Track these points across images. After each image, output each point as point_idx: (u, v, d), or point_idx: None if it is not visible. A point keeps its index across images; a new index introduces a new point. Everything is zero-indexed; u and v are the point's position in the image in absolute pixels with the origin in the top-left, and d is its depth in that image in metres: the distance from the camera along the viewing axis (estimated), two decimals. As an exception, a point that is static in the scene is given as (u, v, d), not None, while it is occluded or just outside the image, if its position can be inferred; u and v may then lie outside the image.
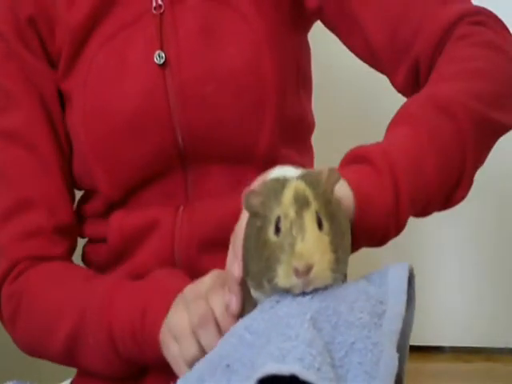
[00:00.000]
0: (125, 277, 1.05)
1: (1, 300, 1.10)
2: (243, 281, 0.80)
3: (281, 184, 0.74)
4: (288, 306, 0.70)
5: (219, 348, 0.74)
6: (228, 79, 1.03)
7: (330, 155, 1.01)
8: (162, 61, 1.04)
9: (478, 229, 2.24)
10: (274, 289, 0.72)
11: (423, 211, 0.89)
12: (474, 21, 0.99)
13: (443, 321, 2.26)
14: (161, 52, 1.04)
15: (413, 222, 0.89)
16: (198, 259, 1.05)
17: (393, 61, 1.03)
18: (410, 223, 0.87)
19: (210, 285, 0.89)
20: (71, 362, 1.06)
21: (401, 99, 1.05)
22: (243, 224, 0.79)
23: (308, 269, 0.70)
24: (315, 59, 1.18)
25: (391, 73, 1.05)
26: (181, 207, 1.06)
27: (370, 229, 0.82)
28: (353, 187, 0.80)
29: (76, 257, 1.16)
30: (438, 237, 2.23)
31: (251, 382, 0.63)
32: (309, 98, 1.17)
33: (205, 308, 0.87)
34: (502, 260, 2.25)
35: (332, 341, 0.68)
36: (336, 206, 0.75)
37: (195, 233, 1.05)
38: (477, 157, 0.91)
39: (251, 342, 0.70)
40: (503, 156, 1.75)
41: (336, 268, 0.72)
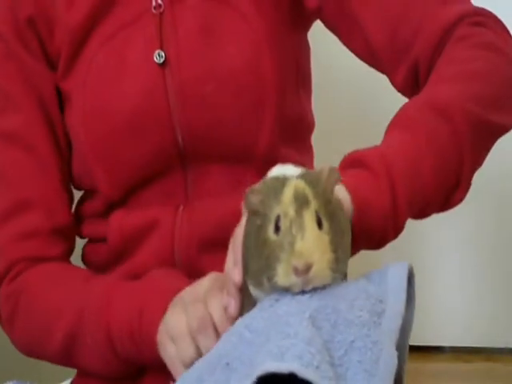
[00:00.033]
0: (123, 277, 1.05)
1: None
2: (243, 280, 0.79)
3: (281, 183, 0.74)
4: (287, 305, 0.70)
5: (219, 347, 0.74)
6: (228, 79, 1.03)
7: (330, 155, 1.01)
8: (162, 60, 1.04)
9: (478, 229, 2.24)
10: (274, 287, 0.72)
11: (421, 213, 0.89)
12: (474, 21, 0.99)
13: (443, 321, 2.26)
14: (160, 51, 1.04)
15: (413, 222, 0.89)
16: (198, 259, 1.05)
17: (393, 61, 1.03)
18: (410, 223, 0.87)
19: (209, 288, 0.89)
20: (69, 362, 1.06)
21: (400, 99, 1.05)
22: (243, 227, 0.79)
23: (307, 268, 0.70)
24: (315, 59, 1.18)
25: (391, 73, 1.05)
26: (181, 207, 1.06)
27: (369, 231, 0.82)
28: (350, 191, 0.81)
29: (76, 257, 1.16)
30: (438, 237, 2.23)
31: (250, 380, 0.63)
32: (308, 98, 1.16)
33: (203, 312, 0.87)
34: (502, 260, 2.24)
35: (331, 339, 0.68)
36: (336, 206, 0.76)
37: (195, 232, 1.05)
38: (475, 159, 0.91)
39: (251, 341, 0.70)
40: (502, 156, 1.74)
41: (335, 267, 0.72)
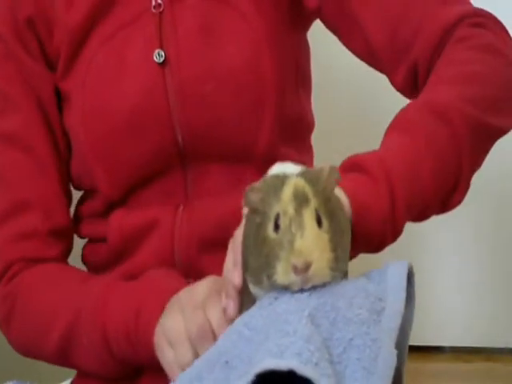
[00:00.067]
0: (120, 277, 1.05)
1: None
2: (242, 278, 0.79)
3: (280, 181, 0.74)
4: (286, 303, 0.70)
5: (218, 345, 0.74)
6: (227, 78, 1.03)
7: (330, 155, 1.01)
8: (162, 59, 1.04)
9: (478, 229, 2.24)
10: (273, 285, 0.72)
11: (420, 216, 0.89)
12: (474, 22, 0.99)
13: (443, 321, 2.26)
14: (160, 51, 1.04)
15: (413, 222, 0.89)
16: (198, 259, 1.05)
17: (392, 60, 1.03)
18: (410, 223, 0.87)
19: (207, 293, 0.89)
20: (65, 363, 1.06)
21: (400, 99, 1.05)
22: (243, 228, 0.79)
23: (307, 266, 0.70)
24: (315, 59, 1.18)
25: (390, 73, 1.05)
26: (180, 206, 1.06)
27: (367, 235, 0.82)
28: (349, 195, 0.81)
29: (76, 257, 1.16)
30: (438, 237, 2.23)
31: (249, 377, 0.63)
32: (308, 97, 1.17)
33: (203, 319, 0.86)
34: (502, 260, 2.24)
35: (330, 337, 0.68)
36: (336, 204, 0.76)
37: (195, 232, 1.05)
38: (473, 161, 0.91)
39: (250, 339, 0.70)
40: (502, 157, 1.74)
41: (335, 266, 0.72)
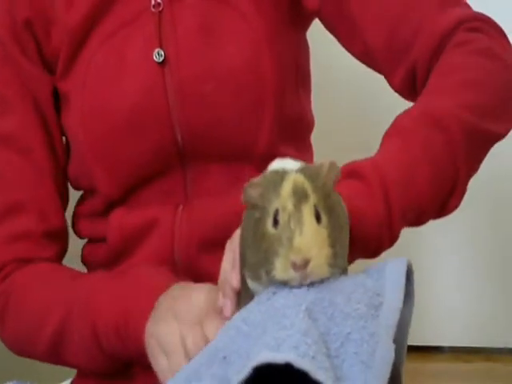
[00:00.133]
0: (112, 273, 1.05)
1: None
2: (240, 274, 0.80)
3: (280, 176, 0.74)
4: (284, 298, 0.70)
5: (217, 341, 0.74)
6: (227, 78, 1.03)
7: (330, 154, 1.01)
8: (161, 59, 1.04)
9: (477, 229, 2.24)
10: (272, 281, 0.72)
11: (417, 220, 0.89)
12: (473, 27, 0.99)
13: (443, 321, 2.26)
14: (160, 50, 1.04)
15: (410, 227, 0.89)
16: (198, 258, 1.05)
17: (391, 61, 1.03)
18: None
19: (205, 307, 0.88)
20: (57, 359, 1.05)
21: (399, 99, 1.06)
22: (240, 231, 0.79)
23: (305, 262, 0.70)
24: (315, 59, 1.18)
25: (389, 74, 1.05)
26: (180, 206, 1.06)
27: (364, 239, 0.82)
28: (344, 200, 0.80)
29: (76, 257, 1.16)
30: (437, 237, 2.23)
31: (246, 371, 0.63)
32: (308, 97, 1.17)
33: (201, 334, 0.85)
34: (502, 259, 2.24)
35: (327, 332, 0.68)
36: (335, 200, 0.76)
37: (195, 232, 1.05)
38: (469, 166, 0.91)
39: (248, 334, 0.70)
40: (500, 159, 1.74)
41: (333, 262, 0.72)
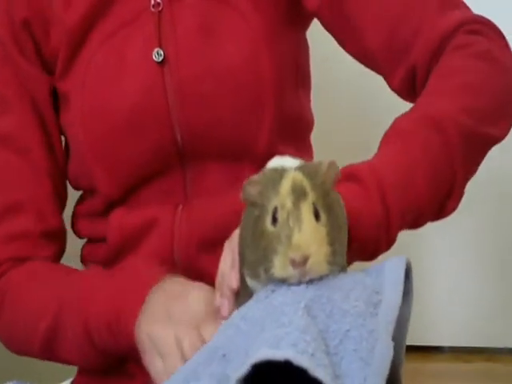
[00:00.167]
0: (105, 270, 1.05)
1: None
2: (239, 272, 0.80)
3: (279, 174, 0.74)
4: (283, 295, 0.70)
5: (216, 339, 0.74)
6: (226, 77, 1.03)
7: (330, 155, 1.01)
8: (161, 58, 1.04)
9: (477, 229, 2.24)
10: (270, 279, 0.72)
11: (415, 223, 0.89)
12: (472, 29, 0.99)
13: (443, 321, 2.26)
14: (159, 50, 1.04)
15: (408, 230, 0.89)
16: (198, 258, 1.05)
17: (390, 62, 1.03)
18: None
19: (202, 311, 0.88)
20: (52, 356, 1.05)
21: (399, 99, 1.06)
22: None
23: (304, 260, 0.70)
24: (314, 59, 1.18)
25: (388, 74, 1.05)
26: (180, 205, 1.06)
27: (361, 241, 0.82)
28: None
29: (76, 258, 1.16)
30: (437, 237, 2.23)
31: (245, 368, 0.63)
32: (307, 96, 1.16)
33: (198, 339, 0.85)
34: (502, 260, 2.24)
35: (326, 329, 0.68)
36: (334, 199, 0.76)
37: (194, 231, 1.05)
38: (467, 169, 0.91)
39: (246, 332, 0.70)
40: (501, 160, 1.75)
41: (332, 260, 0.72)
